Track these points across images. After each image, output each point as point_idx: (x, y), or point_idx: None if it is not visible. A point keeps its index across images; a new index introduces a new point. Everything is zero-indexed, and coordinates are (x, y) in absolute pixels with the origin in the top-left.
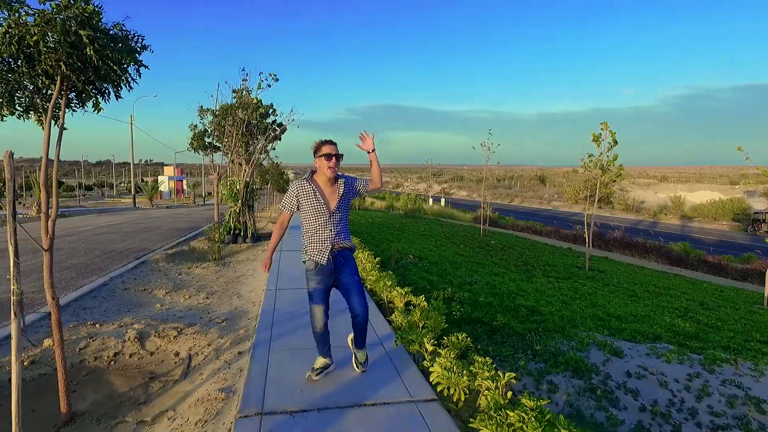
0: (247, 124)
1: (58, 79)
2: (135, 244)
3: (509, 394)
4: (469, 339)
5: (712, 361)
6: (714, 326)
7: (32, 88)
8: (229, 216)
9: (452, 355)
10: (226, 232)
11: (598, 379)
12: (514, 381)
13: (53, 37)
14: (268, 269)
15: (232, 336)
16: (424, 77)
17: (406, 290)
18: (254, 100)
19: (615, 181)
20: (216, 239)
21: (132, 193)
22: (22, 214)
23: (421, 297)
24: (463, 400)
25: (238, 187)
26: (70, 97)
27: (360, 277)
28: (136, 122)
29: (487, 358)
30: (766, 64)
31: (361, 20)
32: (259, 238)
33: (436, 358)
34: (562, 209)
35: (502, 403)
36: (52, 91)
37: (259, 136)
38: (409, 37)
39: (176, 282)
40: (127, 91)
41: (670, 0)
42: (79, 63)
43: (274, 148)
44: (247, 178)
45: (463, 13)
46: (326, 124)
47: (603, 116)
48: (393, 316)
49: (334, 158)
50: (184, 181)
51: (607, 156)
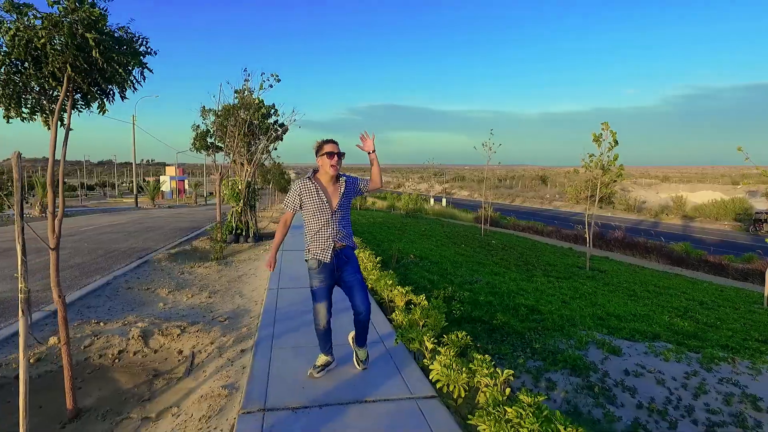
0: (249, 124)
1: (65, 81)
2: (138, 243)
3: (507, 390)
4: (469, 337)
5: (710, 360)
6: (713, 325)
7: (39, 90)
8: (231, 216)
9: (452, 353)
10: (228, 231)
11: (596, 377)
12: (513, 378)
13: (60, 40)
14: (273, 268)
15: (234, 334)
16: (425, 77)
17: (406, 289)
18: (256, 101)
19: (616, 181)
20: (218, 239)
21: (134, 192)
22: (26, 214)
23: (422, 296)
24: (463, 396)
25: (240, 187)
26: (76, 99)
27: (362, 275)
28: (138, 122)
29: (486, 356)
30: None
31: (362, 20)
32: (261, 237)
33: (436, 356)
34: (563, 209)
35: (501, 399)
36: (59, 93)
37: (261, 137)
38: (410, 37)
39: (179, 281)
40: (131, 92)
41: None
42: (86, 65)
43: (276, 149)
44: (249, 178)
45: (464, 13)
46: (328, 124)
47: (605, 116)
48: (394, 315)
49: (336, 156)
50: (186, 181)
51: (608, 156)
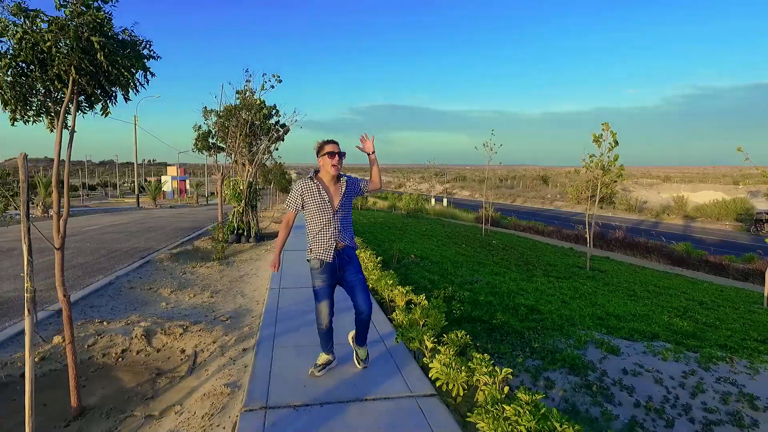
0: (251, 124)
1: (70, 83)
2: (140, 243)
3: (506, 389)
4: (469, 337)
5: (708, 359)
6: (712, 325)
7: (44, 92)
8: (233, 216)
9: (451, 352)
10: (229, 231)
11: (594, 376)
12: (511, 377)
13: (66, 43)
14: (278, 269)
15: (236, 333)
16: (425, 77)
17: (407, 289)
18: (258, 101)
19: (616, 182)
20: (219, 239)
21: (135, 193)
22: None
23: (422, 296)
24: (462, 395)
25: (241, 188)
26: (80, 101)
27: (364, 275)
28: (140, 122)
29: (485, 355)
30: None
31: (362, 20)
32: (262, 237)
33: (436, 355)
34: (564, 209)
35: (499, 397)
36: (63, 95)
37: (263, 137)
38: (410, 37)
39: (181, 281)
40: (134, 94)
41: None
42: (91, 67)
43: (277, 149)
44: (251, 179)
45: (464, 13)
46: (328, 124)
47: (606, 116)
48: (394, 315)
49: (337, 156)
50: (187, 181)
51: (608, 156)
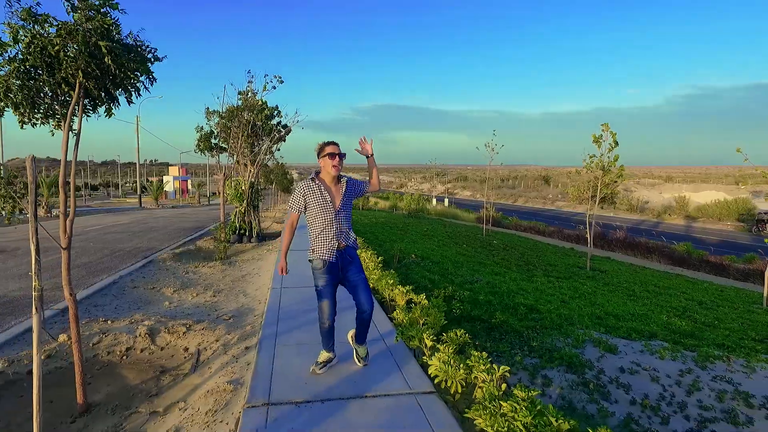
0: (253, 125)
1: (77, 86)
2: (142, 243)
3: (503, 386)
4: (468, 335)
5: (705, 358)
6: (710, 325)
7: (51, 95)
8: (235, 216)
9: (450, 350)
10: (231, 231)
11: (592, 374)
12: (509, 375)
13: (73, 48)
14: (286, 272)
15: (239, 332)
16: (425, 77)
17: (407, 288)
18: (260, 102)
19: (617, 182)
20: (222, 239)
21: (137, 193)
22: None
23: (422, 295)
24: (460, 392)
25: (243, 188)
26: (85, 103)
27: (365, 274)
28: (142, 123)
29: (484, 353)
30: None
31: (362, 20)
32: (264, 237)
33: (435, 353)
34: (565, 209)
35: (497, 394)
36: (70, 98)
37: (264, 138)
38: (410, 37)
39: (184, 280)
40: (136, 97)
41: None
42: (98, 71)
43: (279, 149)
44: (252, 179)
45: (464, 13)
46: (329, 124)
47: (607, 116)
48: (394, 314)
49: (338, 157)
50: (189, 181)
51: (608, 157)
